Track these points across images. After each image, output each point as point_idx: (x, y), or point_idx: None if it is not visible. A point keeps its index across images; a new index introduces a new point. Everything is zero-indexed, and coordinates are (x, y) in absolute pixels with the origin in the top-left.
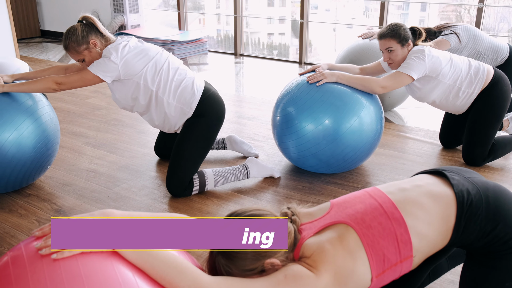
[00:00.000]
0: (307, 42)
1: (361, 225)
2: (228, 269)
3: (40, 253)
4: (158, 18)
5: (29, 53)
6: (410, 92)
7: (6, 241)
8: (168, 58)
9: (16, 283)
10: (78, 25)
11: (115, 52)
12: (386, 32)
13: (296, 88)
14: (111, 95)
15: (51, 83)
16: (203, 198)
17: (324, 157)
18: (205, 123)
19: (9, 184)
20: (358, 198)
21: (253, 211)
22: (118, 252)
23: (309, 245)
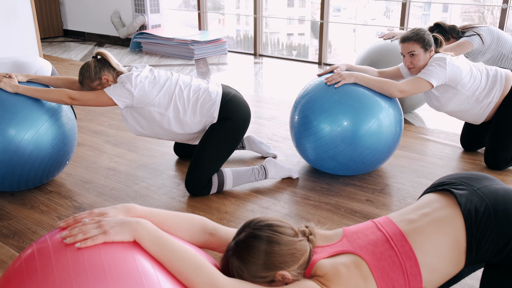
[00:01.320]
0: (327, 42)
1: (371, 257)
2: (240, 272)
3: (64, 242)
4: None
5: (52, 52)
6: (427, 100)
7: (28, 236)
8: (178, 81)
9: (42, 271)
10: (92, 61)
11: (129, 81)
12: (410, 36)
13: (315, 89)
14: (124, 122)
15: (65, 96)
16: (221, 197)
17: (342, 159)
18: (229, 126)
19: (29, 181)
20: (370, 229)
21: (276, 221)
22: (139, 244)
23: (323, 265)
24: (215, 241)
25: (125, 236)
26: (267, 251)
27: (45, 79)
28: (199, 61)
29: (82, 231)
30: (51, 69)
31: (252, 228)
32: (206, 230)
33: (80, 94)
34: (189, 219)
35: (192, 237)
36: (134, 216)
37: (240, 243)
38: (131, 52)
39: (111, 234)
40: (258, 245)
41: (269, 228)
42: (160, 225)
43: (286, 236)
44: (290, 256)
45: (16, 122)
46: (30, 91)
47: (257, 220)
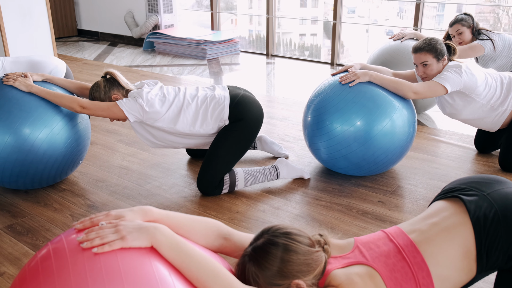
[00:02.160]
0: (340, 43)
1: (384, 269)
2: (256, 278)
3: (81, 246)
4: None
5: (66, 51)
6: (441, 107)
7: (41, 234)
8: (186, 95)
9: (58, 274)
10: (101, 81)
11: (140, 97)
12: (422, 46)
13: (328, 88)
14: (138, 136)
15: (76, 105)
16: (233, 197)
17: (355, 159)
18: (242, 126)
19: (43, 179)
20: (382, 240)
21: (293, 230)
22: (156, 250)
23: (337, 275)
24: (229, 246)
25: (143, 242)
26: (284, 259)
27: (59, 81)
28: (211, 61)
29: (99, 236)
30: (65, 69)
31: (270, 235)
32: (221, 234)
33: (92, 103)
34: (204, 223)
35: (207, 241)
36: (150, 219)
37: (258, 249)
38: (144, 52)
39: (128, 239)
40: (275, 252)
41: (287, 236)
42: (176, 228)
43: (303, 246)
44: (306, 265)
45: (31, 121)
46: (44, 92)
47: (276, 228)
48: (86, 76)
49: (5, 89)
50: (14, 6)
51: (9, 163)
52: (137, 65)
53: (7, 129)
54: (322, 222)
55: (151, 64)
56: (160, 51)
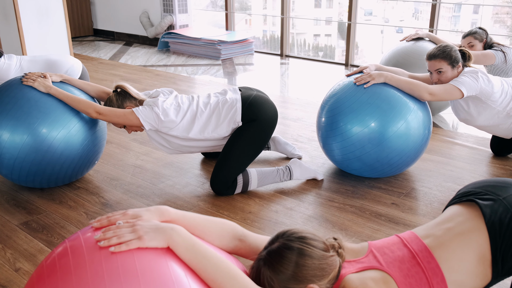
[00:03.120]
0: (354, 44)
1: (398, 274)
2: (271, 282)
3: (99, 245)
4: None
5: (82, 51)
6: (455, 112)
7: (56, 231)
8: (199, 104)
9: (75, 271)
10: (113, 96)
11: (156, 106)
12: (436, 53)
13: (343, 89)
14: (154, 143)
15: (92, 110)
16: (246, 197)
17: (368, 160)
18: (256, 126)
19: (59, 179)
20: (396, 245)
21: (308, 234)
22: (172, 251)
23: (352, 280)
24: (244, 248)
25: (159, 243)
26: (299, 264)
27: (78, 83)
28: (225, 61)
29: (116, 235)
30: (81, 68)
31: (285, 239)
32: (236, 236)
33: (108, 110)
34: (220, 224)
35: (222, 242)
36: (167, 220)
37: (273, 253)
38: (159, 52)
39: (145, 240)
40: (290, 256)
41: (302, 241)
42: (191, 229)
43: (318, 250)
44: (321, 270)
45: (49, 122)
46: (62, 95)
47: (291, 232)
48: (102, 75)
49: (24, 90)
50: (32, 5)
51: (26, 163)
52: (151, 65)
53: (25, 129)
54: (335, 224)
55: (165, 64)
56: (175, 51)
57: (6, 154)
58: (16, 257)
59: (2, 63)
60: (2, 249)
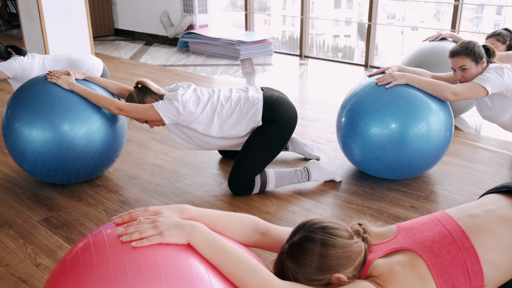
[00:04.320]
0: (374, 45)
1: (429, 254)
2: (295, 275)
3: (121, 239)
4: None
5: (103, 50)
6: (479, 110)
7: (76, 228)
8: (219, 97)
9: (98, 265)
10: (134, 92)
11: (176, 99)
12: (459, 50)
13: (364, 90)
14: (172, 136)
15: (113, 106)
16: (263, 198)
17: (388, 161)
18: (275, 127)
19: (79, 175)
20: (427, 225)
21: (331, 223)
22: (193, 247)
23: (378, 265)
24: (267, 241)
25: (180, 239)
26: (322, 254)
27: (100, 80)
28: (244, 61)
29: (138, 230)
30: (102, 67)
31: (306, 231)
32: (258, 230)
33: (129, 106)
34: (241, 220)
35: (244, 237)
36: (187, 217)
37: (295, 246)
38: (179, 52)
39: (166, 236)
40: (312, 248)
41: (323, 231)
42: (212, 225)
43: (341, 239)
44: (345, 258)
45: (71, 118)
46: (84, 91)
47: (311, 222)
48: (122, 74)
49: (48, 86)
50: (55, 5)
51: (48, 157)
52: (171, 65)
53: (48, 124)
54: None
55: (185, 63)
56: (194, 51)
57: (29, 149)
58: (37, 253)
59: (25, 62)
60: (23, 245)
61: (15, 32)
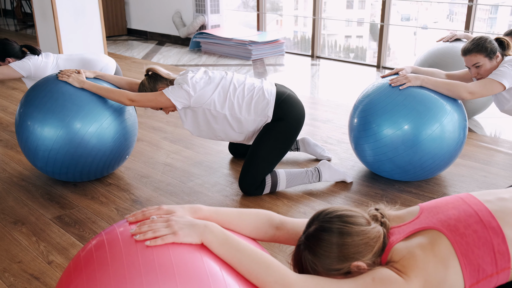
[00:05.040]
0: (386, 45)
1: (454, 233)
2: (314, 266)
3: (134, 238)
4: (237, 19)
5: (115, 50)
6: (497, 104)
7: (88, 226)
8: (233, 80)
9: (112, 263)
10: (145, 80)
11: (185, 82)
12: (471, 48)
13: (377, 90)
14: (182, 124)
15: (124, 98)
16: (274, 198)
17: (401, 162)
18: (284, 126)
19: (91, 172)
20: (451, 204)
21: (346, 211)
22: (206, 246)
23: (398, 249)
24: (283, 235)
25: (194, 239)
26: (340, 244)
27: (110, 78)
28: (256, 62)
29: (151, 229)
30: (115, 67)
31: (321, 221)
32: (273, 224)
33: (140, 95)
34: (254, 215)
35: (258, 233)
36: (200, 217)
37: (311, 237)
38: (191, 51)
39: (180, 235)
40: (329, 238)
41: (339, 220)
42: (225, 224)
43: (357, 226)
44: (364, 245)
45: (82, 115)
46: (95, 88)
47: (326, 212)
48: (135, 74)
49: (59, 84)
50: (69, 5)
51: (60, 155)
52: (183, 64)
53: (60, 122)
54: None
55: (197, 63)
56: (206, 51)
57: (41, 146)
58: (49, 250)
59: (39, 61)
60: (36, 242)
61: (30, 32)
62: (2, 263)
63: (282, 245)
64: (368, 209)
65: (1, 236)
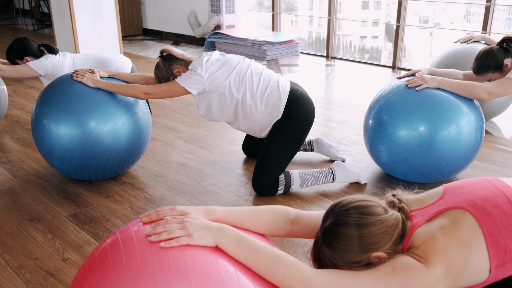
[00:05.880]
0: (402, 46)
1: (481, 212)
2: (333, 260)
3: (149, 239)
4: (252, 19)
5: (131, 49)
6: None
7: (102, 224)
8: (250, 66)
9: (127, 263)
10: (160, 61)
11: (199, 66)
12: (476, 69)
13: (393, 91)
14: (197, 109)
15: (139, 92)
16: (287, 199)
17: (416, 164)
18: (294, 124)
19: (105, 171)
20: (477, 185)
21: (360, 202)
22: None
23: (420, 234)
24: (299, 230)
25: (208, 241)
26: (357, 236)
27: (124, 75)
28: (271, 62)
29: (166, 230)
30: (130, 66)
31: (336, 215)
32: (288, 219)
33: (154, 87)
34: (269, 212)
35: (274, 230)
36: (214, 219)
37: (327, 232)
38: (205, 51)
39: (194, 238)
40: (345, 231)
41: (355, 212)
42: (240, 223)
43: (374, 216)
44: (382, 235)
45: (97, 115)
46: (109, 85)
47: (340, 205)
48: (150, 73)
49: (74, 84)
50: (86, 5)
51: (75, 154)
52: None
53: (75, 121)
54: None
55: None
56: (221, 51)
57: (57, 146)
58: (65, 247)
59: (57, 61)
60: (52, 239)
61: (47, 31)
62: (19, 259)
63: (294, 246)
64: (385, 195)
65: (18, 233)
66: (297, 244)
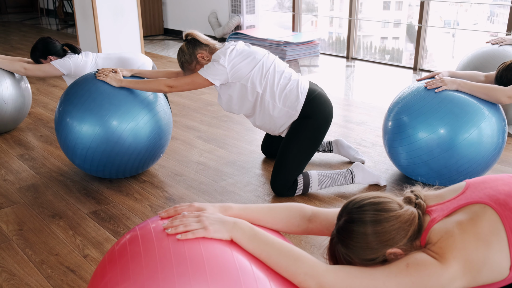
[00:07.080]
0: (424, 47)
1: (503, 207)
2: (348, 258)
3: (166, 232)
4: (272, 19)
5: (152, 49)
6: None
7: (122, 222)
8: (274, 61)
9: (145, 255)
10: (184, 45)
11: (223, 56)
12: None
13: (412, 93)
14: (217, 98)
15: (163, 86)
16: (306, 199)
17: (436, 166)
18: (312, 125)
19: (126, 170)
20: (501, 180)
21: (373, 199)
22: (235, 242)
23: (437, 229)
24: (316, 227)
25: (223, 235)
26: (371, 233)
27: (147, 73)
28: (291, 62)
29: (183, 223)
30: (151, 66)
31: (349, 213)
32: (305, 217)
33: (177, 80)
34: (285, 210)
35: (290, 227)
36: (230, 215)
37: (341, 230)
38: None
39: (210, 231)
40: (359, 229)
41: (369, 209)
42: (256, 220)
43: (387, 212)
44: (396, 231)
45: (119, 114)
46: (132, 83)
47: (353, 202)
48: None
49: (97, 84)
50: (109, 5)
51: (98, 153)
52: None
53: (98, 121)
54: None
55: None
56: None
57: (80, 145)
58: (85, 244)
59: (79, 60)
60: (73, 236)
61: (70, 31)
62: (40, 255)
63: (312, 247)
64: (404, 191)
65: (40, 229)
66: (314, 245)
